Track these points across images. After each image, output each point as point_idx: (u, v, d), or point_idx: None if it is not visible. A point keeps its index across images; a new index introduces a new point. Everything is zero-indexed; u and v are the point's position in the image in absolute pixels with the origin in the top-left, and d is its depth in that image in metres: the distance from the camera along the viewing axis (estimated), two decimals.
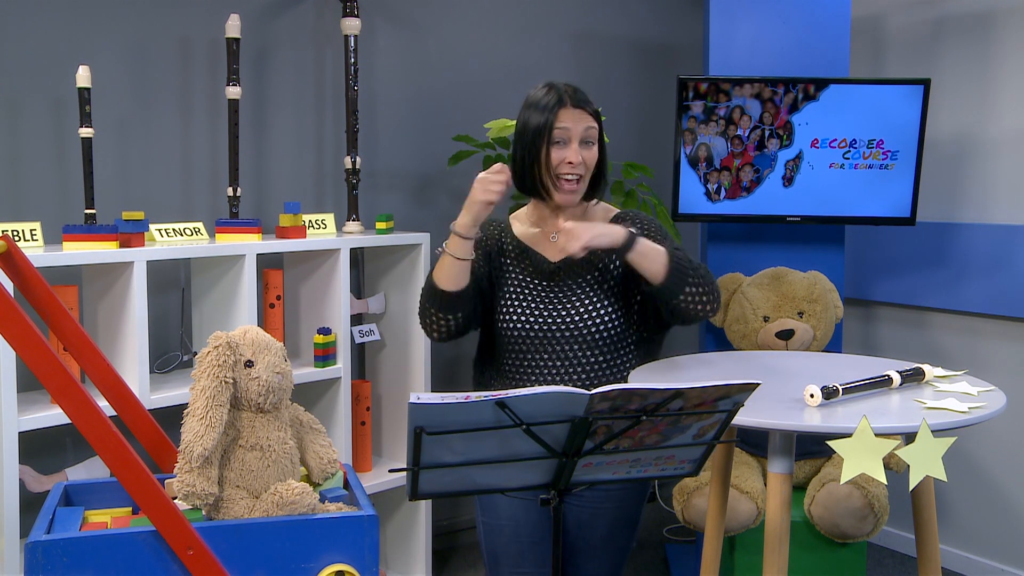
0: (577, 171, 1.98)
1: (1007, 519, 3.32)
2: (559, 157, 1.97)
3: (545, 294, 2.04)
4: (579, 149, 1.98)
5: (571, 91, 2.00)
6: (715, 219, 3.12)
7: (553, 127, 1.96)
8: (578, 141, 1.98)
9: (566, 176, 1.98)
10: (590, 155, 2.01)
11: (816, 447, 2.93)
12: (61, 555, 1.41)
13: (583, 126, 1.98)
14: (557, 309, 2.01)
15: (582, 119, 1.98)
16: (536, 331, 2.00)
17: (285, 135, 3.03)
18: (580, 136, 1.98)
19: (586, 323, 1.99)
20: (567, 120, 1.96)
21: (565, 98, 1.98)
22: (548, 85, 2.01)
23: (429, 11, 3.34)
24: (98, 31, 2.64)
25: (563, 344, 1.99)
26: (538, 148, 1.97)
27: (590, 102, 2.02)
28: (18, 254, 1.61)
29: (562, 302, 2.02)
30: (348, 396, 2.82)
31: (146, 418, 1.72)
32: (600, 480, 1.56)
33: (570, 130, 1.96)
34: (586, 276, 2.05)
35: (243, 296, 2.55)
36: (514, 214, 2.21)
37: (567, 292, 2.03)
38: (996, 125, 3.31)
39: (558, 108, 1.97)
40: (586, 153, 2.00)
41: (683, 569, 3.35)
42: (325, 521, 1.52)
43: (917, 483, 1.53)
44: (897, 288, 3.57)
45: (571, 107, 1.97)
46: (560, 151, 1.97)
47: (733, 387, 1.43)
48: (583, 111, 1.99)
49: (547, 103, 1.98)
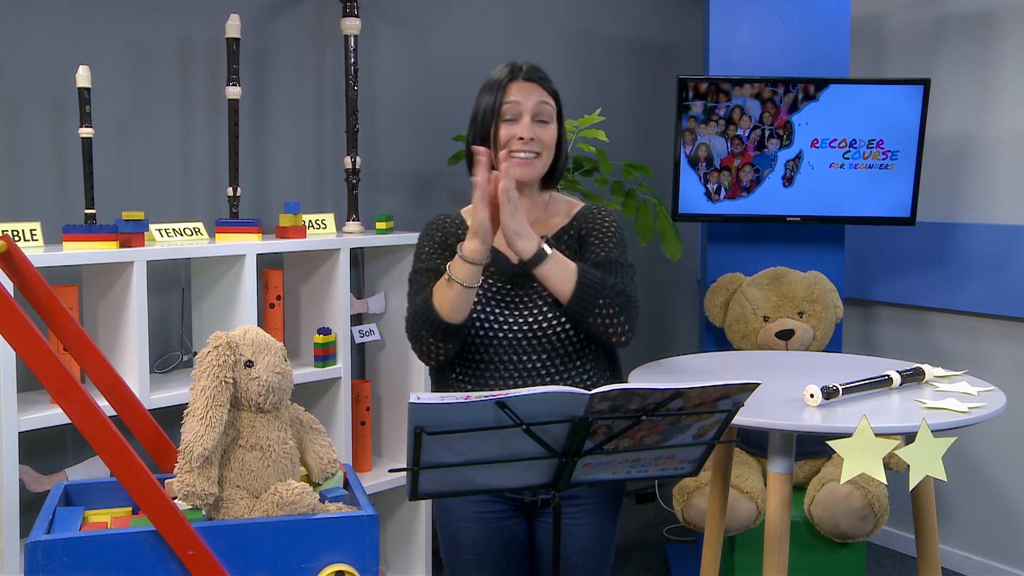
0: (531, 148, 1.84)
1: (1007, 519, 3.32)
2: (509, 133, 1.83)
3: (508, 298, 1.88)
4: (532, 125, 1.83)
5: (526, 66, 1.87)
6: (715, 219, 3.12)
7: (502, 102, 1.83)
8: (530, 116, 1.84)
9: (519, 153, 1.83)
10: (545, 132, 1.86)
11: (816, 447, 2.94)
12: (61, 555, 1.41)
13: (535, 100, 1.84)
14: (523, 314, 1.86)
15: (534, 93, 1.84)
16: (500, 337, 1.85)
17: (285, 135, 3.03)
18: (532, 111, 1.84)
19: (554, 329, 1.84)
20: (516, 94, 1.83)
21: (517, 72, 1.85)
22: (506, 63, 1.88)
23: (429, 11, 3.34)
24: (98, 31, 2.64)
25: (527, 352, 1.85)
26: (487, 127, 1.85)
27: (547, 79, 1.88)
28: (18, 254, 1.61)
29: (527, 306, 1.87)
30: (348, 396, 2.82)
31: (146, 418, 1.72)
32: (600, 480, 1.55)
33: (520, 104, 1.83)
34: None
35: (243, 296, 2.55)
36: (466, 209, 2.00)
37: (532, 295, 1.87)
38: (996, 125, 3.31)
39: (508, 82, 1.84)
40: (540, 130, 1.85)
41: (683, 569, 3.35)
42: (325, 521, 1.52)
43: (917, 483, 1.53)
44: (897, 288, 3.57)
45: (522, 80, 1.84)
46: (510, 127, 1.84)
47: (733, 387, 1.43)
48: (535, 84, 1.85)
49: (498, 80, 1.85)
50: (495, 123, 1.85)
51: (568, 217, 1.96)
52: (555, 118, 1.89)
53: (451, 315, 1.77)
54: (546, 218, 1.96)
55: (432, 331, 1.80)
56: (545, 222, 1.95)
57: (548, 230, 1.93)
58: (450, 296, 1.76)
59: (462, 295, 1.76)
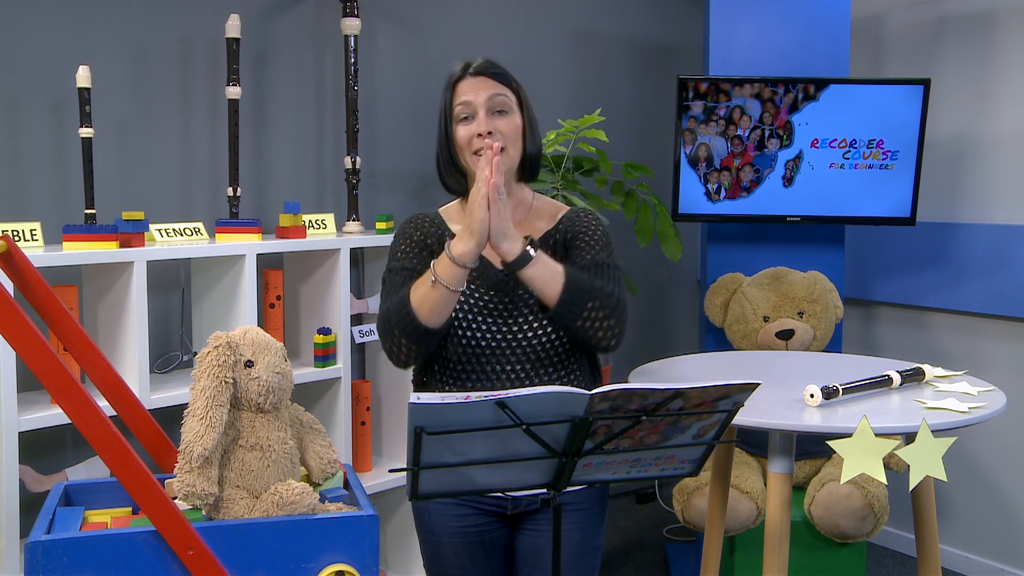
0: (491, 142, 1.72)
1: (1007, 519, 3.32)
2: (467, 133, 1.76)
3: (494, 306, 1.80)
4: (488, 118, 1.76)
5: (477, 62, 1.80)
6: (715, 219, 3.12)
7: (453, 104, 1.78)
8: (484, 110, 1.76)
9: (482, 151, 1.74)
10: (505, 123, 1.77)
11: (816, 447, 2.94)
12: (61, 555, 1.41)
13: (487, 94, 1.76)
14: (508, 323, 1.79)
15: (484, 87, 1.77)
16: (483, 348, 1.78)
17: (285, 135, 3.03)
18: (486, 105, 1.76)
19: (540, 339, 1.78)
20: (466, 91, 1.77)
21: (466, 70, 1.79)
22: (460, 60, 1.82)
23: (429, 11, 3.34)
24: (98, 31, 2.64)
25: (512, 362, 1.78)
26: (445, 131, 1.79)
27: (500, 71, 1.80)
28: (18, 254, 1.61)
29: (513, 315, 1.80)
30: (348, 396, 2.82)
31: (146, 418, 1.72)
32: (600, 480, 1.55)
33: (472, 103, 1.76)
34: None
35: (243, 296, 2.55)
36: (444, 208, 1.94)
37: (518, 304, 1.80)
38: (996, 125, 3.31)
39: (456, 81, 1.78)
40: (499, 122, 1.77)
41: (683, 569, 3.35)
42: (325, 521, 1.52)
43: (917, 483, 1.53)
44: (897, 288, 3.57)
45: (471, 77, 1.78)
46: (466, 127, 1.77)
47: (733, 387, 1.43)
48: (486, 78, 1.77)
49: (448, 79, 1.80)
50: (448, 125, 1.80)
51: (553, 220, 1.90)
52: (516, 108, 1.80)
53: (430, 318, 1.69)
54: (530, 220, 1.89)
55: (406, 333, 1.71)
56: (529, 224, 1.88)
57: (533, 233, 1.86)
58: (431, 298, 1.67)
59: (445, 298, 1.67)
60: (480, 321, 1.79)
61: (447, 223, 1.90)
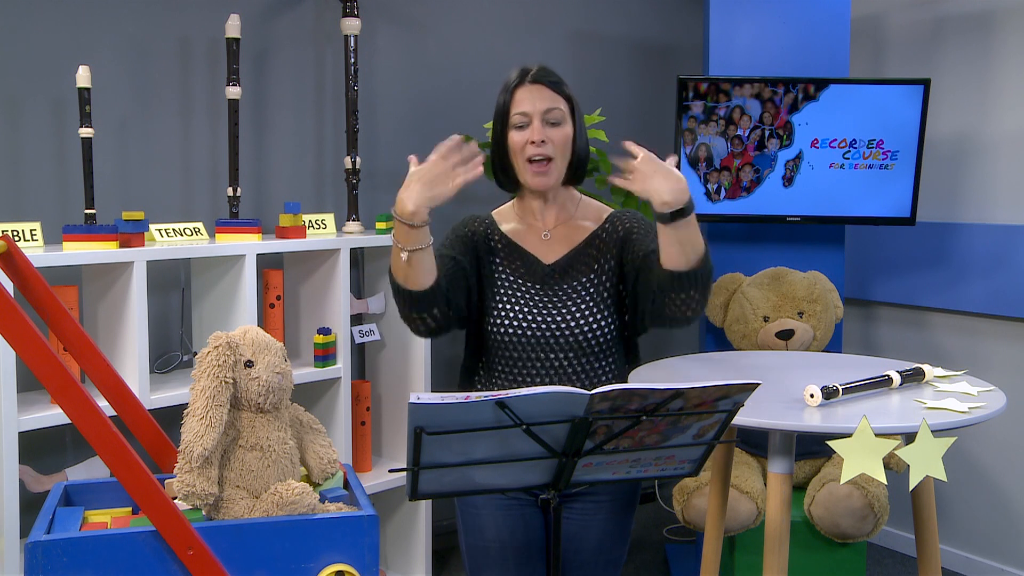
0: (543, 151, 1.85)
1: (1007, 519, 3.32)
2: (521, 139, 1.86)
3: (539, 298, 1.92)
4: (542, 128, 1.85)
5: (533, 69, 1.89)
6: (715, 219, 3.12)
7: (510, 110, 1.87)
8: (539, 120, 1.86)
9: (534, 157, 1.86)
10: (557, 134, 1.87)
11: (816, 447, 2.93)
12: (61, 555, 1.41)
13: (544, 105, 1.86)
14: (552, 315, 1.90)
15: (542, 97, 1.86)
16: (529, 337, 1.89)
17: (285, 135, 3.03)
18: (541, 115, 1.86)
19: (583, 330, 1.89)
20: (524, 100, 1.86)
21: (525, 76, 1.87)
22: (518, 67, 1.91)
23: (429, 11, 3.34)
24: (98, 31, 2.64)
25: (556, 351, 1.89)
26: (500, 134, 1.89)
27: (556, 80, 1.89)
28: (18, 254, 1.61)
29: (558, 308, 1.90)
30: (348, 396, 2.82)
31: (146, 418, 1.72)
32: (600, 480, 1.55)
33: (528, 113, 1.86)
34: (582, 279, 1.94)
35: (243, 296, 2.55)
36: (497, 211, 2.06)
37: (562, 297, 1.92)
38: (996, 125, 3.31)
39: (515, 87, 1.87)
40: (552, 132, 1.86)
41: (683, 569, 3.35)
42: (325, 521, 1.52)
43: (917, 483, 1.53)
44: (897, 288, 3.57)
45: (528, 84, 1.86)
46: (521, 133, 1.86)
47: (733, 387, 1.43)
48: (543, 87, 1.87)
49: (506, 84, 1.89)
50: (506, 131, 1.88)
51: (598, 221, 1.99)
52: (568, 118, 1.89)
53: (408, 281, 1.75)
54: (578, 218, 1.98)
55: (402, 301, 1.80)
56: (576, 223, 1.98)
57: (578, 231, 1.96)
58: (399, 263, 1.74)
59: (410, 260, 1.72)
60: (527, 312, 1.90)
61: (497, 224, 2.01)
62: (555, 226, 1.97)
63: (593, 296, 1.92)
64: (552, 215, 1.97)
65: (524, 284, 1.93)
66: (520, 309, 1.90)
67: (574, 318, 1.89)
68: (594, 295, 1.92)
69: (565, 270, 1.94)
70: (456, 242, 1.95)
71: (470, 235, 1.96)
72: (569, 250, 1.95)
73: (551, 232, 1.96)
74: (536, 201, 1.96)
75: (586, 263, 1.94)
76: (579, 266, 1.94)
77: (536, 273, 1.94)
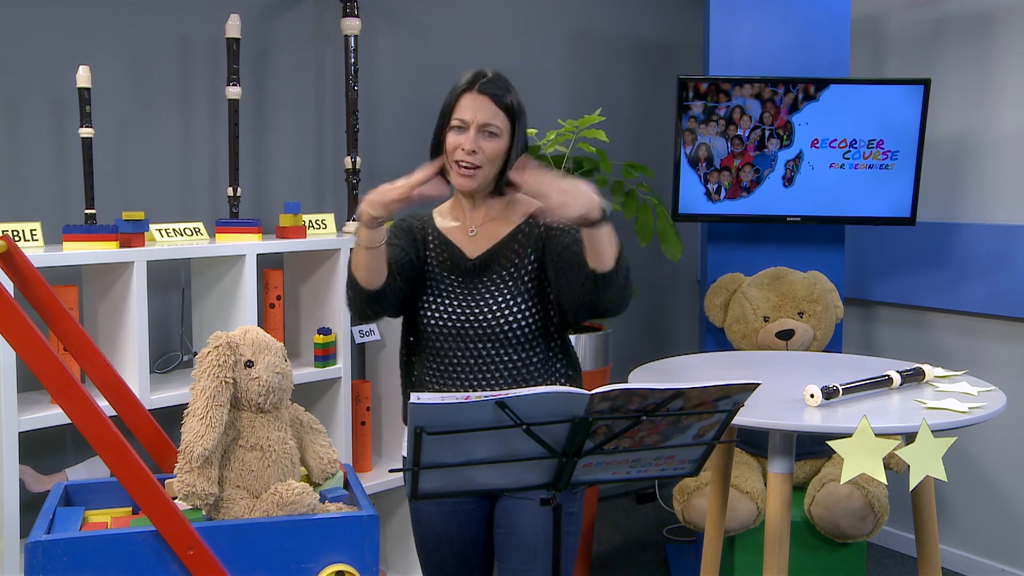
0: (472, 160, 1.90)
1: (1007, 519, 3.32)
2: (455, 142, 1.91)
3: (461, 291, 1.97)
4: (476, 138, 1.89)
5: (487, 78, 1.93)
6: (715, 219, 3.12)
7: (452, 113, 1.92)
8: (475, 130, 1.89)
9: (462, 162, 1.90)
10: (490, 146, 1.91)
11: (816, 447, 2.94)
12: (61, 555, 1.41)
13: (483, 118, 1.89)
14: (472, 308, 1.94)
15: (483, 108, 1.90)
16: (451, 328, 1.94)
17: (285, 135, 3.03)
18: (479, 126, 1.89)
19: (500, 322, 1.92)
20: (466, 107, 1.90)
21: (475, 83, 1.91)
22: (474, 70, 1.95)
23: (429, 11, 3.34)
24: (98, 31, 2.64)
25: (477, 342, 1.92)
26: (440, 130, 1.95)
27: (502, 94, 1.93)
28: (18, 254, 1.62)
29: (476, 300, 1.95)
30: (348, 396, 2.82)
31: (146, 418, 1.72)
32: (600, 480, 1.56)
33: (467, 120, 1.90)
34: (501, 273, 1.97)
35: (243, 296, 2.55)
36: (438, 208, 2.12)
37: (482, 290, 1.96)
38: (996, 125, 3.31)
39: (462, 92, 1.92)
40: (485, 143, 1.90)
41: (683, 569, 3.35)
42: (325, 521, 1.52)
43: (917, 483, 1.53)
44: (897, 288, 3.58)
45: (475, 92, 1.90)
46: (456, 136, 1.91)
47: (733, 387, 1.43)
48: (487, 99, 1.90)
49: (455, 85, 1.94)
50: (445, 129, 1.93)
51: (524, 216, 2.03)
52: (506, 133, 1.92)
53: (363, 278, 1.85)
54: (504, 216, 2.02)
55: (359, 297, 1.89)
56: (503, 220, 2.02)
57: (503, 227, 2.01)
58: (359, 259, 1.83)
59: (367, 257, 1.82)
60: (449, 304, 1.95)
61: (434, 220, 2.08)
62: (482, 223, 2.02)
63: (511, 289, 1.95)
64: (480, 213, 2.02)
65: (449, 276, 1.99)
66: (443, 300, 1.96)
67: (491, 310, 1.93)
68: (512, 288, 1.95)
69: (487, 264, 1.99)
70: (398, 232, 2.02)
71: (407, 228, 2.04)
72: (492, 245, 2.00)
73: (478, 228, 2.02)
74: (466, 199, 2.02)
75: (507, 257, 1.98)
76: (501, 260, 1.98)
77: (460, 266, 1.99)
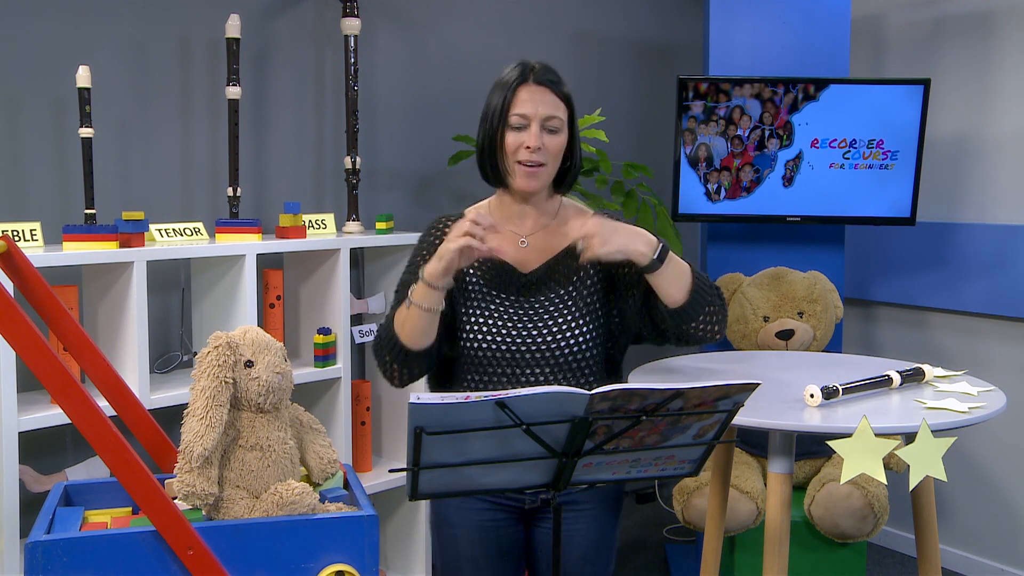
0: (536, 157, 1.76)
1: (1007, 519, 3.32)
2: (516, 141, 1.76)
3: (515, 311, 1.81)
4: (540, 134, 1.76)
5: (537, 68, 1.79)
6: (715, 219, 3.12)
7: (510, 110, 1.76)
8: (538, 125, 1.76)
9: (525, 162, 1.77)
10: (553, 142, 1.78)
11: (816, 447, 2.94)
12: (61, 555, 1.41)
13: (545, 111, 1.76)
14: (529, 330, 1.79)
15: (544, 101, 1.77)
16: (504, 352, 1.79)
17: (285, 135, 3.03)
18: (541, 121, 1.76)
19: (560, 346, 1.79)
20: (526, 100, 1.76)
21: (528, 74, 1.77)
22: (518, 62, 1.81)
23: (429, 11, 3.34)
24: (98, 31, 2.64)
25: (532, 367, 1.79)
26: (494, 130, 1.78)
27: (559, 82, 1.80)
28: (18, 254, 1.61)
29: (534, 322, 1.80)
30: (348, 396, 2.82)
31: (146, 418, 1.72)
32: (601, 480, 1.55)
33: (529, 115, 1.76)
34: (560, 292, 1.83)
35: (243, 296, 2.55)
36: (471, 210, 1.92)
37: (540, 311, 1.81)
38: (996, 125, 3.31)
39: (518, 85, 1.77)
40: (548, 139, 1.77)
41: (683, 569, 3.35)
42: (325, 521, 1.52)
43: (917, 483, 1.53)
44: (897, 288, 3.58)
45: (532, 84, 1.77)
46: (517, 135, 1.76)
47: (733, 387, 1.43)
48: (546, 90, 1.77)
49: (507, 81, 1.78)
50: (502, 129, 1.78)
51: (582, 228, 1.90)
52: (566, 126, 1.81)
53: (411, 340, 1.72)
54: (556, 226, 1.89)
55: (392, 354, 1.76)
56: (555, 230, 1.88)
57: (558, 239, 1.87)
58: (410, 320, 1.70)
59: (422, 319, 1.69)
60: (502, 326, 1.80)
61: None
62: (533, 232, 1.87)
63: (572, 309, 1.82)
64: (531, 220, 1.87)
65: (499, 296, 1.83)
66: (495, 323, 1.80)
67: (551, 332, 1.79)
68: (572, 308, 1.82)
69: (544, 280, 1.84)
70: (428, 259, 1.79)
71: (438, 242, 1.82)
72: (548, 259, 1.85)
73: (528, 239, 1.86)
74: (517, 204, 1.87)
75: (565, 274, 1.85)
76: (558, 276, 1.84)
77: (512, 284, 1.83)
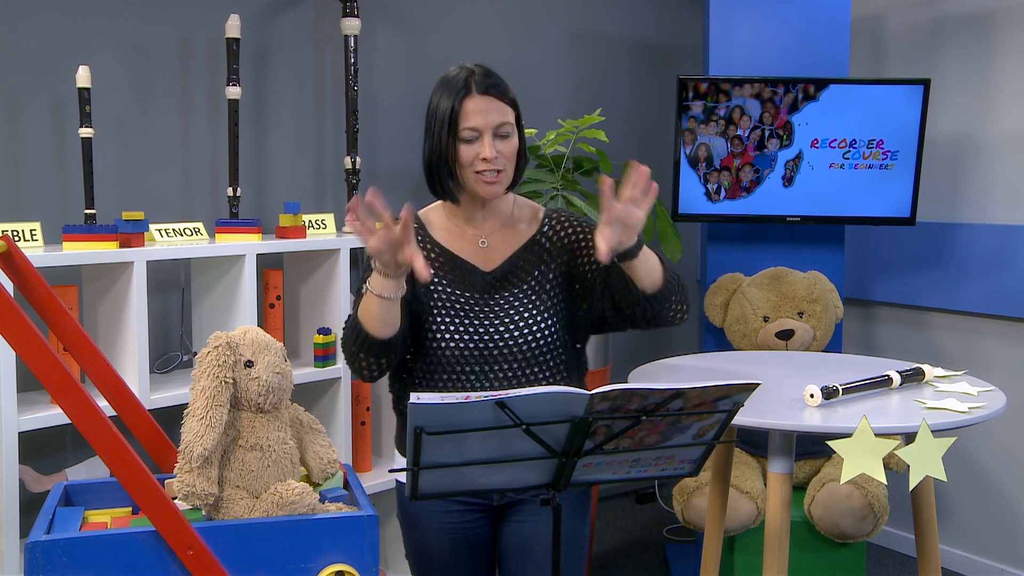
0: (495, 166, 1.76)
1: (1007, 519, 3.32)
2: (471, 153, 1.76)
3: (480, 308, 1.82)
4: (493, 143, 1.76)
5: (479, 76, 1.77)
6: (715, 219, 3.12)
7: (459, 123, 1.75)
8: (491, 135, 1.76)
9: (484, 171, 1.77)
10: (507, 146, 1.78)
11: (816, 447, 2.94)
12: (61, 555, 1.41)
13: (495, 120, 1.76)
14: (496, 327, 1.81)
15: (492, 109, 1.76)
16: (473, 350, 1.79)
17: (285, 135, 3.03)
18: (492, 130, 1.76)
19: (527, 339, 1.80)
20: (474, 112, 1.75)
21: (472, 84, 1.75)
22: (459, 66, 1.80)
23: (429, 11, 3.34)
24: (98, 31, 2.64)
25: (500, 362, 1.80)
26: (445, 144, 1.77)
27: (503, 87, 1.79)
28: (18, 254, 1.62)
29: (500, 319, 1.81)
30: (348, 396, 2.82)
31: (146, 418, 1.72)
32: (601, 480, 1.55)
33: (480, 127, 1.75)
34: (523, 287, 1.85)
35: (243, 296, 2.55)
36: (424, 212, 1.95)
37: (505, 307, 1.83)
38: (996, 125, 3.31)
39: (464, 96, 1.75)
40: (502, 145, 1.77)
41: (683, 569, 3.35)
42: (325, 521, 1.52)
43: (917, 483, 1.53)
44: (897, 288, 3.58)
45: (477, 95, 1.75)
46: (470, 147, 1.76)
47: (733, 387, 1.43)
48: (492, 98, 1.77)
49: (450, 88, 1.77)
50: (453, 143, 1.77)
51: (536, 223, 1.92)
52: (515, 128, 1.81)
53: (376, 329, 1.70)
54: (512, 223, 1.91)
55: (360, 344, 1.73)
56: (513, 227, 1.90)
57: (516, 235, 1.89)
58: (372, 310, 1.68)
59: (384, 307, 1.67)
60: (469, 324, 1.80)
61: (428, 230, 1.91)
62: (492, 232, 1.89)
63: (536, 303, 1.84)
64: (489, 221, 1.89)
65: (463, 295, 1.83)
66: (462, 322, 1.80)
67: (518, 327, 1.81)
68: (536, 302, 1.84)
69: (506, 277, 1.85)
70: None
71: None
72: (508, 256, 1.87)
73: (488, 239, 1.88)
74: (477, 209, 1.88)
75: (526, 269, 1.86)
76: (520, 272, 1.86)
77: (476, 283, 1.84)
